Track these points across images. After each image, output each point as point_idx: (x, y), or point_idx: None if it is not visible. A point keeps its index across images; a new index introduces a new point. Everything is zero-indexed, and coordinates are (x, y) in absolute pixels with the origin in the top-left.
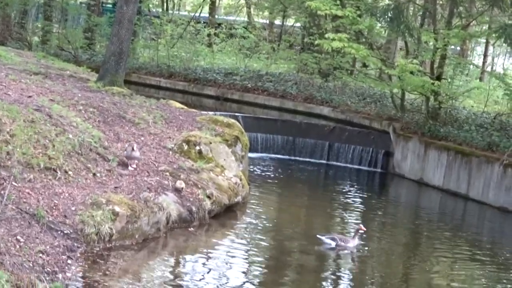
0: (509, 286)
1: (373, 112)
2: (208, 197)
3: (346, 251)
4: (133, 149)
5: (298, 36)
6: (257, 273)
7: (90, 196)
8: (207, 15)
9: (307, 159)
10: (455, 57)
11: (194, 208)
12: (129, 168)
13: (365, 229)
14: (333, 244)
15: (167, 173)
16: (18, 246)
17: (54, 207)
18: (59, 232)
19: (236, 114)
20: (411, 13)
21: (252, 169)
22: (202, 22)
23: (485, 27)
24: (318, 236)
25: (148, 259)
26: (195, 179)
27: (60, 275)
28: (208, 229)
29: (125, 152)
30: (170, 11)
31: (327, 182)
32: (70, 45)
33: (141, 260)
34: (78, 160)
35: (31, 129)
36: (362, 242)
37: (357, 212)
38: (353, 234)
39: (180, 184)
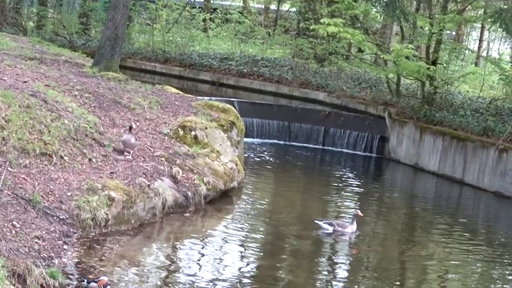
0: (503, 270)
1: (369, 97)
2: (204, 182)
3: (344, 237)
4: (130, 129)
5: (293, 21)
6: (252, 258)
7: (86, 181)
8: (202, 0)
9: (303, 144)
10: (450, 42)
11: (189, 194)
12: (125, 156)
13: (362, 215)
14: (330, 229)
15: (163, 159)
16: (14, 232)
17: (50, 193)
18: (55, 217)
19: (232, 99)
20: None
21: (247, 155)
22: (197, 7)
23: (481, 12)
24: (316, 221)
25: (144, 244)
26: (191, 164)
27: (56, 261)
28: (203, 214)
29: (122, 136)
30: None
31: (322, 167)
32: (65, 30)
33: (137, 245)
34: (74, 145)
35: (26, 114)
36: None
37: (353, 197)
38: (350, 219)
39: (177, 172)
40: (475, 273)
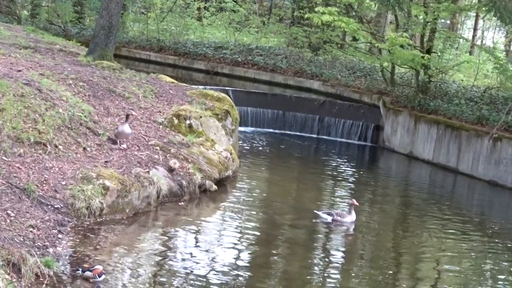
0: (497, 259)
1: (363, 86)
2: (199, 171)
3: (343, 226)
4: (127, 118)
5: (288, 10)
6: (247, 246)
7: (80, 170)
8: None
9: (298, 133)
10: (445, 31)
11: (184, 183)
12: (120, 146)
13: (357, 204)
14: (329, 219)
15: (157, 148)
16: (8, 221)
17: (44, 182)
18: (49, 206)
19: (226, 88)
20: None
21: (242, 143)
22: None
23: (475, 0)
24: (315, 211)
25: (138, 233)
26: (186, 153)
27: (51, 250)
28: (198, 203)
29: (117, 128)
30: None
31: (317, 156)
32: (59, 19)
33: (132, 234)
34: (68, 134)
35: (21, 103)
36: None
37: (348, 186)
38: (348, 209)
39: (174, 163)
40: (468, 262)
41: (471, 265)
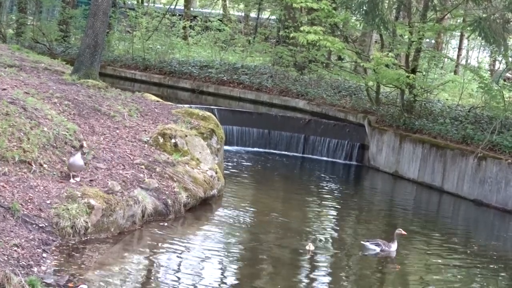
0: (481, 277)
1: (349, 105)
2: (184, 190)
3: (389, 255)
4: (82, 147)
5: (273, 29)
6: (232, 266)
7: (65, 189)
8: (182, 7)
9: (283, 152)
10: (430, 50)
11: (169, 201)
12: (72, 180)
13: (405, 233)
14: (378, 249)
15: (143, 166)
16: None
17: (29, 201)
18: (34, 225)
19: (212, 107)
20: (386, 6)
21: (227, 162)
22: (177, 14)
23: (460, 20)
24: (362, 242)
25: (123, 252)
26: (171, 172)
27: (35, 269)
28: (183, 222)
29: (70, 159)
30: (145, 4)
31: (302, 175)
32: (44, 38)
33: (117, 253)
34: (53, 153)
35: (5, 122)
36: (336, 236)
37: (332, 205)
38: (389, 238)
39: (152, 183)
40: (454, 282)
41: (456, 282)
